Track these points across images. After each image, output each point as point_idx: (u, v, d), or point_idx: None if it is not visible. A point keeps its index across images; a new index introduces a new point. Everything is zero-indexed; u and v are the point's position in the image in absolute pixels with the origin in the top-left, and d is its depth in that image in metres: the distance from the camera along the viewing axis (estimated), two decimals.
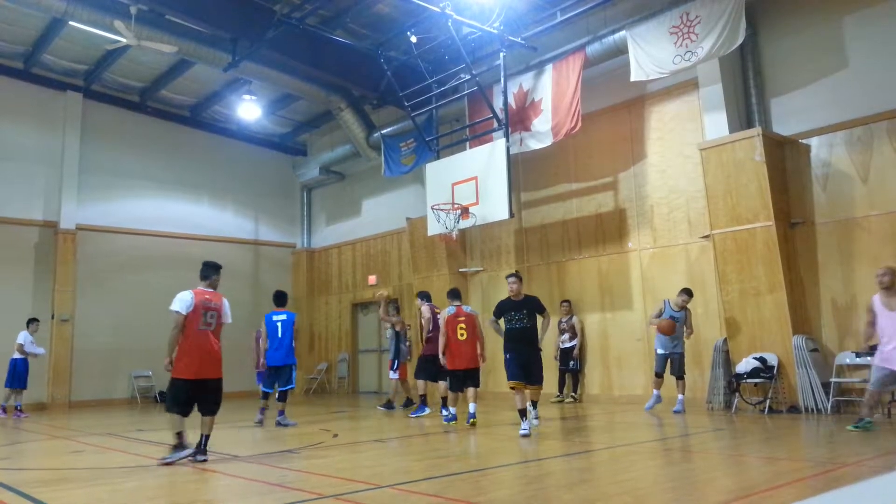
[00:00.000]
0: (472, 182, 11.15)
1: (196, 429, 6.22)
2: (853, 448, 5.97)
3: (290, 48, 12.22)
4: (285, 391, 9.47)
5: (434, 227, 11.68)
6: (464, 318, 8.90)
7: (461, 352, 8.80)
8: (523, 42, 11.39)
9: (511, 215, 10.77)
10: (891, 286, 7.13)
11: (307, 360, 17.70)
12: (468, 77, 11.22)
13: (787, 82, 9.71)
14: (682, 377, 9.53)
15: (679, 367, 9.55)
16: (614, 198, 11.59)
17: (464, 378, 8.82)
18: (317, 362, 17.47)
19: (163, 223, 16.10)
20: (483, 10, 10.73)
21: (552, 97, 11.23)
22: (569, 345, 11.58)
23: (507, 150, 10.76)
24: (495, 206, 10.76)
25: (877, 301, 7.23)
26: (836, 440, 6.68)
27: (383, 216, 16.19)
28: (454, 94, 12.04)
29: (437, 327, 9.50)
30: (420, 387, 10.31)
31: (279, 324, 9.51)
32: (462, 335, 8.81)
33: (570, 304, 11.80)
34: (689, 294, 9.58)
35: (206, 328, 6.32)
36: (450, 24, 10.24)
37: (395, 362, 11.39)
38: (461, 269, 13.89)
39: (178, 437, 6.16)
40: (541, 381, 7.78)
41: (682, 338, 9.57)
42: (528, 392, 7.63)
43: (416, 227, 14.08)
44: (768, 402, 8.98)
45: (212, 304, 6.40)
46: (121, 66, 14.63)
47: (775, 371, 8.94)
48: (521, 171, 12.81)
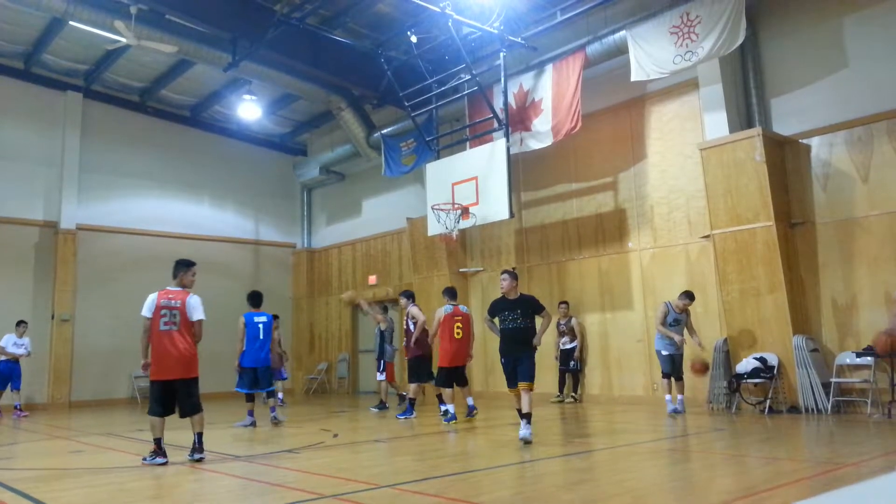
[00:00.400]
0: (472, 182, 11.15)
1: (184, 430, 6.18)
2: (853, 448, 5.97)
3: (290, 48, 12.21)
4: (273, 390, 9.64)
5: (434, 227, 11.67)
6: (460, 318, 9.24)
7: (455, 350, 9.11)
8: (523, 42, 11.39)
9: (511, 215, 10.77)
10: None
11: (307, 361, 17.70)
12: (468, 77, 11.22)
13: (787, 82, 9.71)
14: (681, 378, 9.50)
15: (680, 367, 9.53)
16: (614, 198, 11.59)
17: (454, 375, 9.14)
18: (317, 362, 17.46)
19: (163, 223, 16.10)
20: (483, 10, 10.73)
21: (552, 97, 11.23)
22: (569, 346, 11.58)
23: (508, 150, 10.76)
24: (495, 206, 10.76)
25: None
26: (837, 440, 6.68)
27: (383, 216, 16.18)
28: (454, 94, 12.03)
29: (424, 328, 9.81)
30: (413, 390, 10.14)
31: (260, 325, 9.60)
32: (458, 334, 9.14)
33: (567, 305, 11.77)
34: (691, 297, 9.36)
35: (168, 328, 6.20)
36: (450, 23, 10.23)
37: (381, 363, 11.40)
38: (461, 270, 13.89)
39: (156, 443, 6.14)
40: (527, 377, 7.05)
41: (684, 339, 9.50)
42: (524, 394, 7.13)
43: (416, 227, 14.08)
44: (768, 402, 8.98)
45: (172, 304, 6.26)
46: (121, 66, 14.62)
47: (775, 371, 8.94)
48: (522, 171, 12.81)
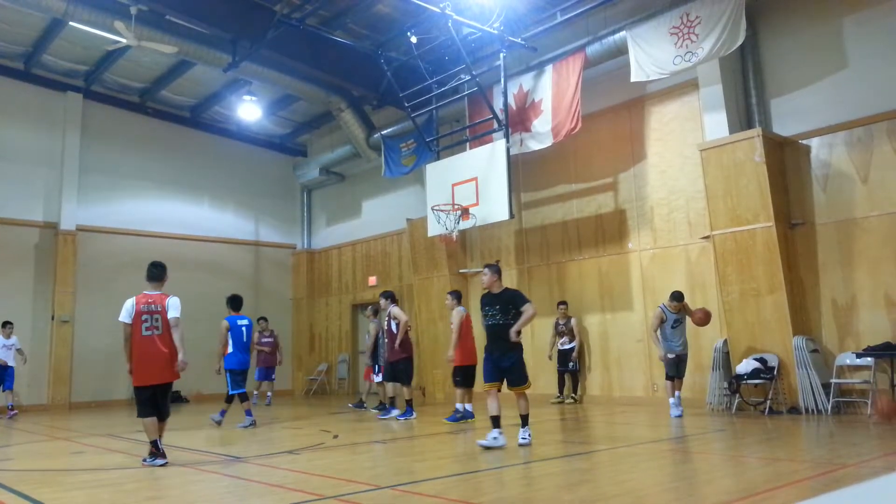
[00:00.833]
0: (472, 183, 11.16)
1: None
2: (853, 449, 5.97)
3: (290, 49, 12.22)
4: (245, 392, 9.72)
5: (434, 228, 11.68)
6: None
7: (474, 350, 9.49)
8: (523, 42, 11.39)
9: (511, 216, 10.78)
10: None
11: (307, 361, 17.70)
12: (468, 77, 11.22)
13: (787, 83, 9.71)
14: (682, 377, 9.45)
15: (684, 367, 9.43)
16: (614, 198, 11.59)
17: (472, 375, 9.42)
18: (317, 363, 17.46)
19: (163, 224, 16.10)
20: (483, 11, 10.73)
21: (552, 98, 11.23)
22: (567, 346, 11.57)
23: (508, 150, 10.76)
24: (495, 206, 10.76)
25: None
26: (837, 441, 6.69)
27: (383, 217, 16.19)
28: (454, 94, 12.03)
29: (394, 332, 10.02)
30: (396, 390, 10.27)
31: (244, 328, 9.70)
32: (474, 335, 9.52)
33: (567, 305, 11.75)
34: (679, 299, 9.25)
35: (150, 333, 6.19)
36: (450, 24, 10.23)
37: (377, 366, 11.43)
38: (461, 270, 13.89)
39: (154, 445, 6.14)
40: (521, 381, 6.78)
41: (685, 338, 9.44)
42: (519, 399, 6.88)
43: (416, 228, 14.08)
44: (768, 402, 8.97)
45: (153, 307, 6.26)
46: (121, 67, 14.63)
47: (775, 372, 8.94)
48: (522, 172, 12.81)
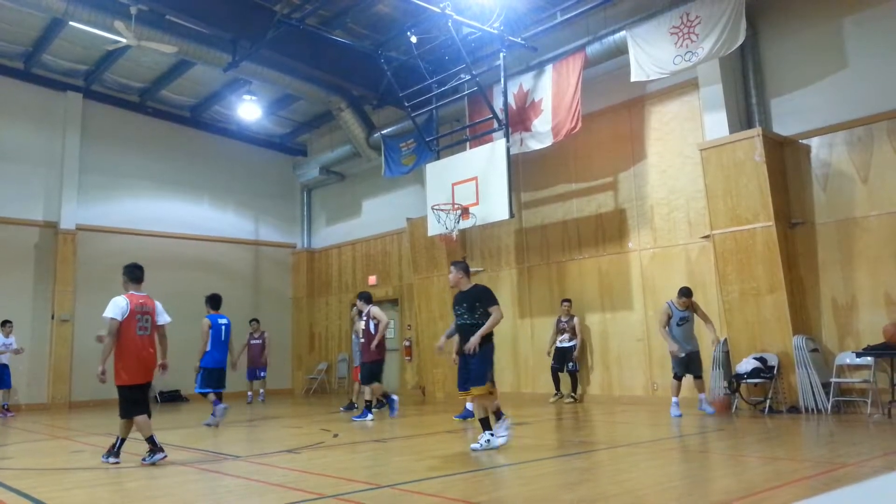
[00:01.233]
0: (472, 182, 11.15)
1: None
2: (853, 448, 5.97)
3: (290, 48, 12.22)
4: (221, 393, 9.73)
5: (434, 228, 11.68)
6: None
7: None
8: (523, 42, 11.39)
9: (511, 215, 10.77)
10: None
11: (307, 361, 17.70)
12: (468, 77, 11.22)
13: (787, 82, 9.71)
14: (700, 376, 9.25)
15: (698, 365, 9.26)
16: (614, 198, 11.59)
17: None
18: (317, 362, 17.47)
19: (163, 223, 16.11)
20: (483, 11, 10.73)
21: (552, 97, 11.23)
22: (567, 344, 11.52)
23: (508, 150, 10.76)
24: (495, 206, 10.76)
25: None
26: (837, 440, 6.69)
27: (383, 216, 16.19)
28: (454, 94, 12.03)
29: (372, 333, 9.93)
30: (373, 391, 10.10)
31: (223, 327, 9.79)
32: None
33: (570, 303, 11.73)
34: (688, 294, 9.28)
35: (143, 333, 6.30)
36: (450, 24, 10.23)
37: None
38: None
39: (151, 441, 6.18)
40: (475, 380, 6.36)
41: (694, 335, 9.34)
42: (474, 400, 6.50)
43: (416, 228, 14.09)
44: (768, 402, 8.98)
45: (146, 308, 6.40)
46: (121, 67, 14.63)
47: (775, 371, 8.94)
48: (522, 172, 12.81)
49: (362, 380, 10.26)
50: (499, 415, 6.58)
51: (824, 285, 9.19)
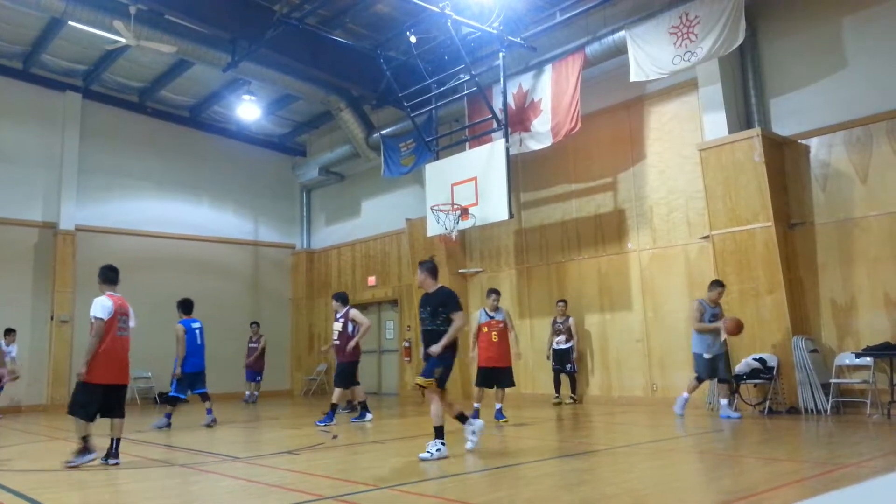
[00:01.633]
0: (471, 183, 11.15)
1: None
2: (853, 449, 5.97)
3: (289, 48, 12.22)
4: (206, 392, 9.82)
5: (433, 228, 11.67)
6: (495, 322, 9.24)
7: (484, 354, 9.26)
8: (523, 42, 11.39)
9: (511, 216, 10.76)
10: None
11: (307, 361, 17.69)
12: (468, 77, 11.22)
13: (786, 82, 9.72)
14: (726, 380, 8.91)
15: (726, 368, 8.88)
16: (613, 198, 11.59)
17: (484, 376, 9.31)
18: (316, 363, 17.45)
19: (162, 224, 16.10)
20: (482, 11, 10.73)
21: (551, 97, 11.23)
22: (564, 346, 11.47)
23: (507, 150, 10.75)
24: (495, 206, 10.75)
25: None
26: (836, 441, 6.68)
27: (383, 217, 16.18)
28: (454, 94, 12.03)
29: (349, 335, 9.85)
30: (348, 394, 10.05)
31: (198, 331, 9.76)
32: (495, 337, 9.15)
33: (566, 304, 11.71)
34: (722, 285, 8.93)
35: (122, 333, 6.36)
36: (449, 24, 10.23)
37: None
38: (461, 270, 13.89)
39: (85, 441, 6.17)
40: (424, 372, 6.29)
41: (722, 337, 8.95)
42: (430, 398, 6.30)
43: (415, 228, 14.08)
44: (768, 402, 8.98)
45: (124, 310, 6.45)
46: (120, 67, 14.62)
47: (775, 372, 8.94)
48: (521, 172, 12.81)
49: (339, 382, 9.88)
50: (462, 419, 6.38)
51: (823, 286, 9.19)
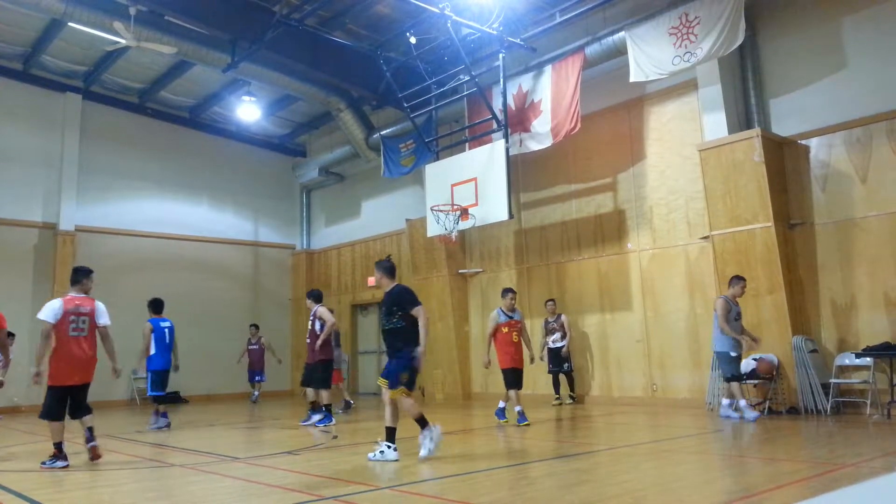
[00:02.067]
0: (471, 183, 11.15)
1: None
2: (853, 449, 5.97)
3: (289, 49, 12.22)
4: (163, 396, 9.78)
5: (433, 229, 11.67)
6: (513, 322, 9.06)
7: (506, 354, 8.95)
8: (522, 43, 11.40)
9: (510, 216, 10.76)
10: None
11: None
12: (467, 78, 11.23)
13: (786, 83, 9.72)
14: (748, 379, 8.84)
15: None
16: (613, 199, 11.60)
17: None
18: None
19: (162, 224, 16.11)
20: (482, 11, 10.73)
21: (551, 98, 11.23)
22: (560, 344, 11.44)
23: (507, 151, 10.76)
24: (495, 207, 10.76)
25: None
26: (836, 441, 6.69)
27: (383, 217, 16.19)
28: (453, 95, 12.04)
29: (317, 333, 9.66)
30: (323, 396, 9.57)
31: (167, 330, 9.79)
32: (515, 338, 8.95)
33: (554, 302, 11.71)
34: (744, 279, 8.75)
35: (77, 334, 6.35)
36: (449, 25, 10.24)
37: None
38: (461, 271, 13.89)
39: (58, 447, 6.20)
40: (384, 374, 6.19)
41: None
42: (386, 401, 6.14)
43: (415, 229, 14.08)
44: (768, 403, 8.98)
45: (82, 310, 6.43)
46: (120, 68, 14.62)
47: (775, 372, 8.94)
48: (521, 172, 12.81)
49: (316, 384, 9.57)
50: (422, 423, 6.08)
51: (823, 286, 9.19)
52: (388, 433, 6.07)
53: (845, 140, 9.10)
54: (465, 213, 11.16)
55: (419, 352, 6.06)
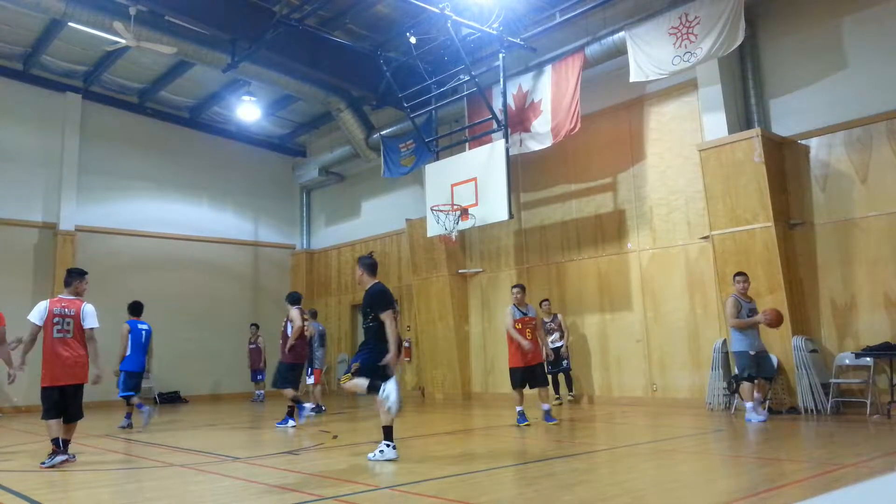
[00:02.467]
0: (471, 183, 11.15)
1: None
2: (853, 449, 5.97)
3: (289, 49, 12.22)
4: (135, 396, 9.89)
5: (433, 229, 11.68)
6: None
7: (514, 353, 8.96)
8: (522, 43, 11.40)
9: (510, 216, 10.76)
10: None
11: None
12: (467, 78, 11.23)
13: (786, 83, 9.72)
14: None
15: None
16: (613, 199, 11.59)
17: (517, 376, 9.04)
18: None
19: (162, 224, 16.11)
20: (482, 11, 10.74)
21: (551, 98, 11.23)
22: (559, 344, 11.42)
23: (507, 151, 10.76)
24: (495, 207, 10.76)
25: None
26: (836, 441, 6.69)
27: (383, 217, 16.19)
28: (453, 94, 12.04)
29: (288, 335, 9.56)
30: (293, 395, 9.39)
31: (143, 332, 9.93)
32: (529, 335, 8.92)
33: (549, 302, 11.70)
34: (745, 274, 8.60)
35: (62, 336, 6.36)
36: (449, 24, 10.24)
37: (310, 368, 11.57)
38: (461, 271, 13.89)
39: (55, 443, 6.23)
40: (355, 360, 6.23)
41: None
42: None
43: (415, 229, 14.08)
44: (768, 402, 8.98)
45: (66, 312, 6.45)
46: (120, 68, 14.63)
47: (775, 372, 8.94)
48: (521, 172, 12.81)
49: (280, 384, 9.46)
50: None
51: (823, 286, 9.19)
52: (386, 432, 6.12)
53: (845, 140, 9.10)
54: (465, 213, 11.16)
55: (388, 359, 6.06)
